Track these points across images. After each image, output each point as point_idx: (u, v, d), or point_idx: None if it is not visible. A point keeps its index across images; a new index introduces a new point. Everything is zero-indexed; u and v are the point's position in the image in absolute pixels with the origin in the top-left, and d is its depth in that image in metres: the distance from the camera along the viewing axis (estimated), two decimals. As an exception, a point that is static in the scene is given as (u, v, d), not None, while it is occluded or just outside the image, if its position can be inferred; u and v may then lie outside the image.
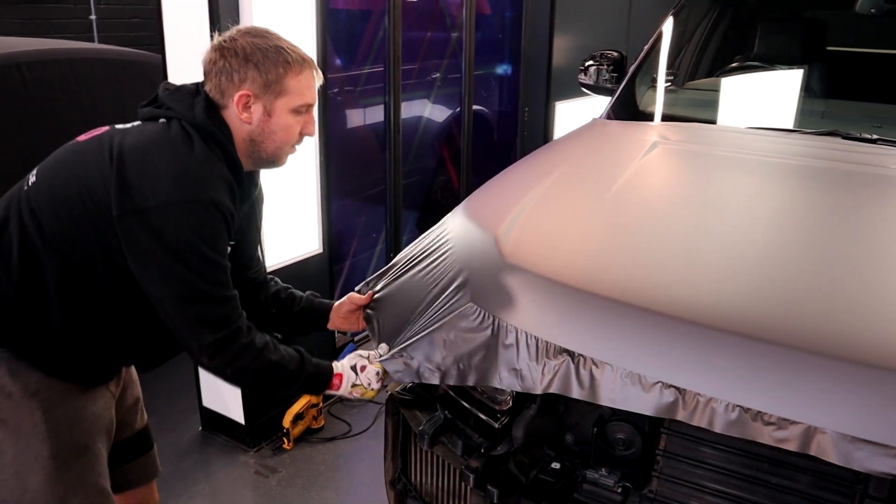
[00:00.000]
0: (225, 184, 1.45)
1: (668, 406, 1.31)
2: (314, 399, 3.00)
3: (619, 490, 1.48)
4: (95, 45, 4.07)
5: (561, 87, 4.55)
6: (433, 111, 4.05)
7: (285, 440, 2.95)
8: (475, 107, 4.12)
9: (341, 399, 3.23)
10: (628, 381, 1.35)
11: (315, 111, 3.00)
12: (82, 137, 1.52)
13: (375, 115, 3.57)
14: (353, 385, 1.64)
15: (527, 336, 1.48)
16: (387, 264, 3.65)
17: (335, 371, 1.64)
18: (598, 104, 4.98)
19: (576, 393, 1.40)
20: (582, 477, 1.52)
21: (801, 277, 1.49)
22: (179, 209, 1.37)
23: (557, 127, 4.59)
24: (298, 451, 2.96)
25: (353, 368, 1.64)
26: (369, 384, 1.64)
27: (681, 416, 1.30)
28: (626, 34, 5.16)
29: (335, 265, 3.27)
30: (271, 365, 1.52)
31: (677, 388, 1.31)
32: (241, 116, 1.49)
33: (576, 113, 4.77)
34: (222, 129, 1.48)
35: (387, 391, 1.85)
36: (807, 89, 2.75)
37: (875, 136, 2.22)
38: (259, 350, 1.50)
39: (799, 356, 1.27)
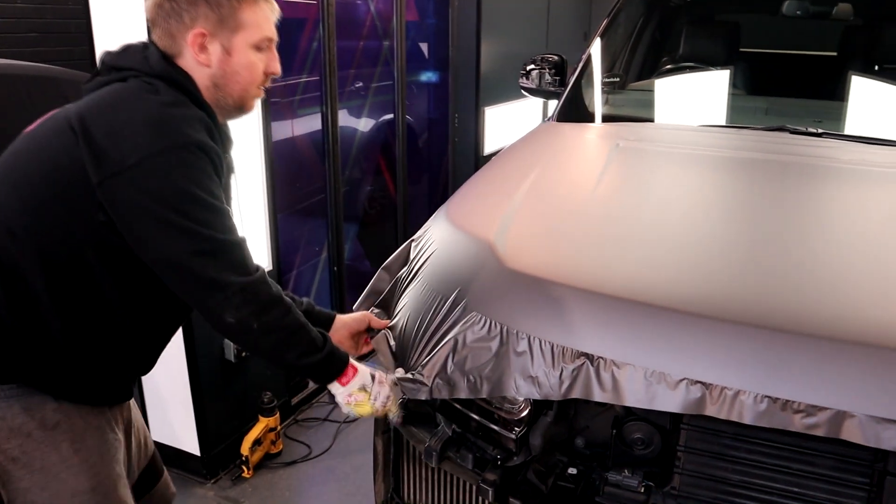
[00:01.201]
0: (202, 125, 1.33)
1: (695, 402, 1.32)
2: (272, 423, 2.88)
3: (642, 490, 1.48)
4: (2, 61, 3.78)
5: (488, 93, 4.58)
6: (367, 120, 3.99)
7: (245, 468, 2.81)
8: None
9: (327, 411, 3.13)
10: (653, 380, 1.35)
11: (258, 122, 2.83)
12: (30, 128, 1.40)
13: (313, 124, 3.47)
14: (362, 388, 1.50)
15: (540, 342, 1.46)
16: (331, 276, 3.58)
17: (351, 363, 1.51)
18: (526, 107, 5.07)
19: (598, 396, 1.39)
20: (604, 479, 1.51)
21: (806, 266, 1.54)
22: (163, 158, 1.25)
23: (488, 132, 4.61)
24: (259, 479, 2.82)
25: (372, 376, 1.53)
26: (374, 399, 1.52)
27: (709, 410, 1.31)
28: (546, 40, 5.27)
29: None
30: (299, 326, 1.40)
31: (703, 384, 1.32)
32: (199, 59, 1.37)
33: (504, 117, 4.82)
34: (184, 77, 1.37)
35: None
36: (748, 87, 2.88)
37: (820, 131, 2.34)
38: (288, 307, 1.38)
39: (822, 344, 1.30)
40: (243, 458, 2.80)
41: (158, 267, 1.31)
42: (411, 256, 1.89)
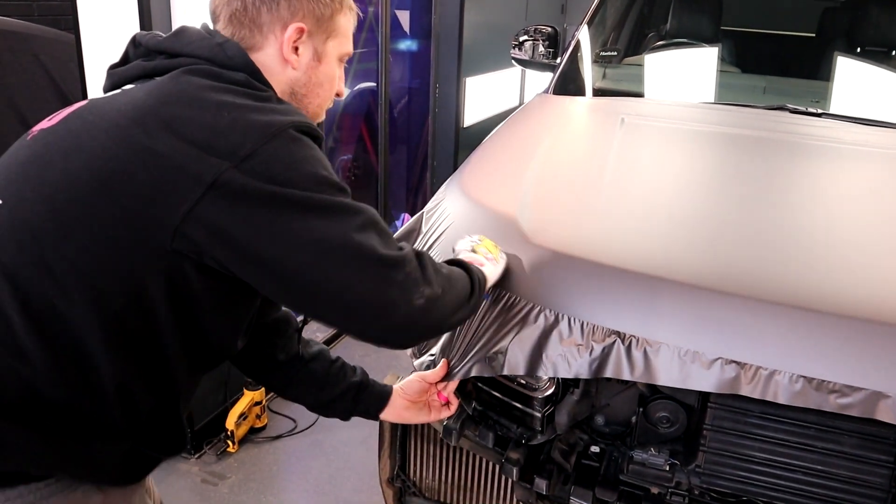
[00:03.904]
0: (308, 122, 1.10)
1: (730, 381, 1.32)
2: (257, 396, 2.82)
3: (668, 468, 1.48)
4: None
5: (469, 63, 4.51)
6: (350, 87, 3.89)
7: (230, 443, 2.75)
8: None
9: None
10: (687, 359, 1.34)
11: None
12: (42, 125, 1.09)
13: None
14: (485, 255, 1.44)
15: (569, 320, 1.43)
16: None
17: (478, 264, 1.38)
18: (504, 78, 5.01)
19: (629, 375, 1.38)
20: (628, 458, 1.50)
21: (840, 246, 1.54)
22: (280, 142, 1.00)
23: (469, 103, 4.54)
24: (245, 454, 2.77)
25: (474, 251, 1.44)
26: (487, 255, 1.44)
27: (745, 390, 1.31)
28: (525, 12, 5.20)
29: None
30: (458, 285, 1.24)
31: (738, 363, 1.32)
32: (289, 58, 1.15)
33: (484, 89, 4.76)
34: (262, 78, 1.13)
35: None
36: (747, 66, 2.88)
37: (819, 111, 2.35)
38: (447, 276, 1.21)
39: (856, 324, 1.31)
40: (228, 433, 2.74)
41: (305, 295, 1.05)
42: (423, 230, 1.84)
